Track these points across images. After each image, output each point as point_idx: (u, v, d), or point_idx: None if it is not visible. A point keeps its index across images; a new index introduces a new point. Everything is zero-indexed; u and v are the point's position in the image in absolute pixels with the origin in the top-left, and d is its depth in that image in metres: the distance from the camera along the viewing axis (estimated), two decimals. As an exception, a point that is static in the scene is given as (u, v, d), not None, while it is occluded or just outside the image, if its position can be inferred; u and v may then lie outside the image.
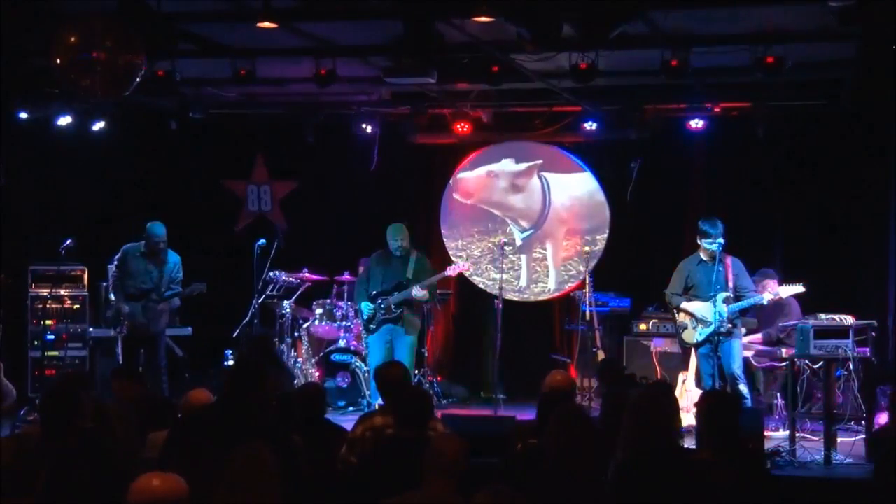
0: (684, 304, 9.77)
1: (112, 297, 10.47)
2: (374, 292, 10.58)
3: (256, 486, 4.34)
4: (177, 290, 10.41)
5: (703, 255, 9.75)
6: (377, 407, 7.65)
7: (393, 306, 10.48)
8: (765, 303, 9.76)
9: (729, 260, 9.64)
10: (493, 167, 12.80)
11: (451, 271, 11.05)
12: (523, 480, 4.92)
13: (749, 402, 9.41)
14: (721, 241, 9.49)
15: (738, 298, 9.60)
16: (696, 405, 5.75)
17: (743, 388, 9.44)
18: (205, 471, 4.62)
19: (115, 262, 10.44)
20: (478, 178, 12.86)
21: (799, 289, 9.80)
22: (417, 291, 10.40)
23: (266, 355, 8.09)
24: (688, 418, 9.62)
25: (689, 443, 6.79)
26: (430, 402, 6.17)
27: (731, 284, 9.57)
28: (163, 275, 10.26)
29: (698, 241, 9.71)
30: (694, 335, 9.70)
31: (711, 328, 9.51)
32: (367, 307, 10.52)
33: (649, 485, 4.91)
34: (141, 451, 5.86)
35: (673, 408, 5.60)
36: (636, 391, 5.37)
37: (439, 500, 4.68)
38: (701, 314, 9.63)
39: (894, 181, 10.90)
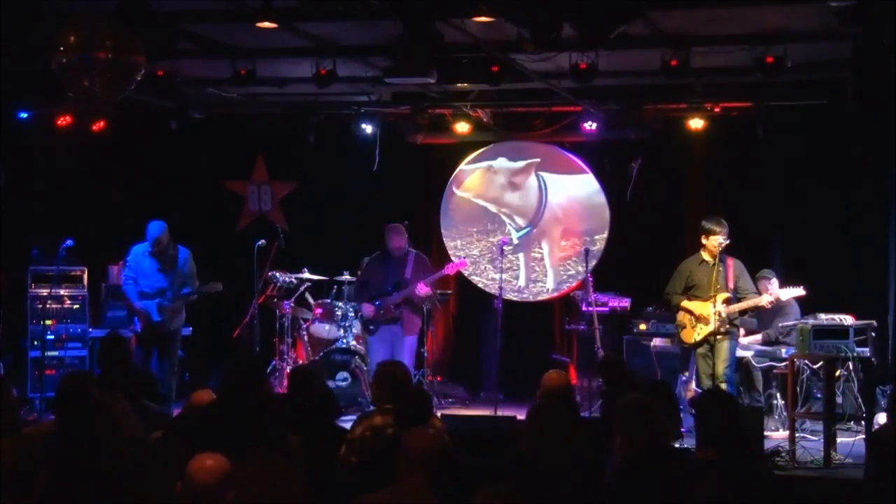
0: (684, 303, 9.77)
1: (127, 296, 10.29)
2: (374, 293, 10.59)
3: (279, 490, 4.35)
4: (191, 289, 10.30)
5: (704, 255, 9.73)
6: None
7: (392, 306, 10.49)
8: (764, 304, 9.76)
9: (730, 261, 9.64)
10: (493, 163, 12.83)
11: (449, 269, 11.06)
12: (523, 481, 4.92)
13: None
14: (725, 240, 9.49)
15: (738, 299, 9.60)
16: (696, 405, 5.75)
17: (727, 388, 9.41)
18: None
19: (127, 262, 10.35)
20: (477, 173, 12.89)
21: (799, 292, 9.81)
22: (423, 287, 10.41)
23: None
24: (688, 419, 9.70)
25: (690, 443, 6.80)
26: (430, 401, 6.18)
27: (731, 285, 9.56)
28: (174, 272, 10.20)
29: (703, 241, 9.67)
30: (692, 335, 9.68)
31: (709, 328, 9.51)
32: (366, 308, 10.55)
33: (649, 486, 4.91)
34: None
35: (660, 411, 5.52)
36: (622, 400, 5.35)
37: (410, 496, 4.63)
38: (700, 314, 9.63)
39: (894, 181, 10.90)
